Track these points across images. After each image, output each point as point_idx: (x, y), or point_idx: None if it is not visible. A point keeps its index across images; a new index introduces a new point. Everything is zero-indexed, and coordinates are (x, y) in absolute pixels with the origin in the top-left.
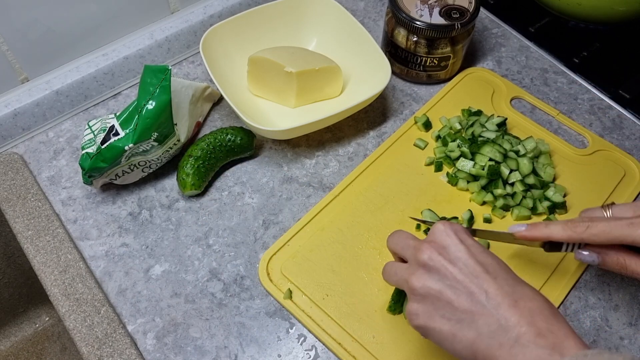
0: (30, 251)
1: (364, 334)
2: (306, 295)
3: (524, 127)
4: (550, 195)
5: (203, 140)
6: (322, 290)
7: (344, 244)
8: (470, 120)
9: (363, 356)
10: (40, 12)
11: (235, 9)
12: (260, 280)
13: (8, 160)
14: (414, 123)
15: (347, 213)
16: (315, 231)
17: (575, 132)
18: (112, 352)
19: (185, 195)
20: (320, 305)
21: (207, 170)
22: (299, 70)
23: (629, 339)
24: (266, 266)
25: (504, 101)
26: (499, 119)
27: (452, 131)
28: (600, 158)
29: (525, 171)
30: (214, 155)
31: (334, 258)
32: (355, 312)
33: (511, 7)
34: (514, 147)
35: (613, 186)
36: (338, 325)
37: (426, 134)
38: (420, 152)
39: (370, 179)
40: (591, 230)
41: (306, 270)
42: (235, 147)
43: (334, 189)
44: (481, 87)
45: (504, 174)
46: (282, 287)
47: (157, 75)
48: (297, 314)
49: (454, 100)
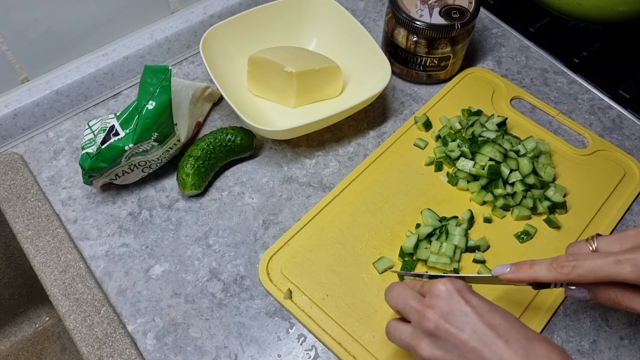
0: (30, 251)
1: (364, 334)
2: (306, 295)
3: (524, 127)
4: (551, 195)
5: (203, 140)
6: (322, 290)
7: (344, 244)
8: (470, 120)
9: (363, 356)
10: (40, 12)
11: (235, 9)
12: (260, 280)
13: (8, 160)
14: (414, 123)
15: (347, 213)
16: (315, 231)
17: (575, 132)
18: (112, 352)
19: (185, 195)
20: (320, 305)
21: (207, 170)
22: (299, 70)
23: (629, 339)
24: (266, 266)
25: (504, 101)
26: (499, 119)
27: (452, 131)
28: (600, 158)
29: (526, 171)
30: (214, 155)
31: (334, 258)
32: (355, 312)
33: (511, 7)
34: (514, 147)
35: (613, 186)
36: (338, 325)
37: (426, 133)
38: (421, 152)
39: (370, 179)
40: (577, 271)
41: (306, 270)
42: (235, 147)
43: (333, 189)
44: (481, 87)
45: (504, 174)
46: (282, 287)
47: (157, 76)
48: (297, 314)
49: (454, 100)
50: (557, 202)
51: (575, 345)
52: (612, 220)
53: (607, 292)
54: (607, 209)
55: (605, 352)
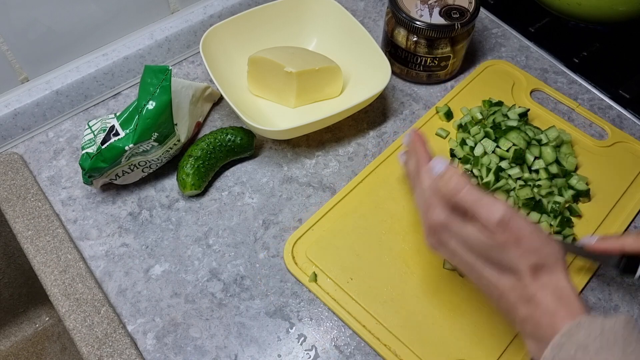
0: (30, 251)
1: (388, 316)
2: (331, 278)
3: (544, 118)
4: (574, 184)
5: (203, 140)
6: (347, 274)
7: (368, 229)
8: (491, 110)
9: (387, 338)
10: (40, 12)
11: (235, 9)
12: (285, 263)
13: (8, 160)
14: (435, 113)
15: (370, 199)
16: (339, 217)
17: (595, 124)
18: (112, 352)
19: (185, 195)
20: (344, 288)
21: (207, 170)
22: (299, 70)
23: None
24: (291, 250)
25: (524, 93)
26: (522, 109)
27: (473, 120)
28: (620, 149)
29: (549, 159)
30: (214, 155)
31: (358, 243)
32: (379, 295)
33: (511, 7)
34: (536, 136)
35: (633, 177)
36: (362, 308)
37: (447, 123)
38: (442, 141)
39: (392, 167)
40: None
41: (331, 254)
42: (235, 147)
43: (357, 176)
44: (501, 79)
45: (528, 161)
46: (307, 271)
47: (158, 76)
48: (322, 297)
49: (474, 92)
50: (581, 190)
51: None
52: (632, 210)
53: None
54: (627, 199)
55: None
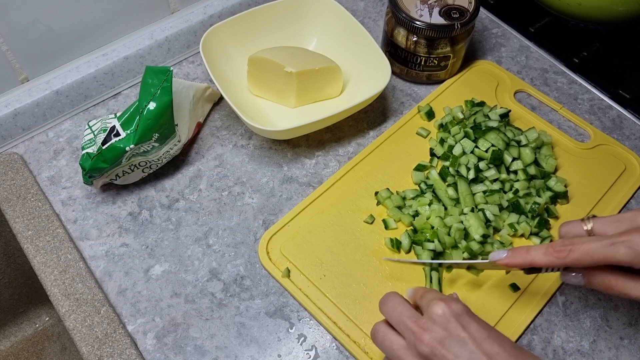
0: (30, 251)
1: (359, 314)
2: (304, 274)
3: (526, 119)
4: (552, 185)
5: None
6: (320, 271)
7: (344, 227)
8: (473, 110)
9: (357, 335)
10: (40, 12)
11: (235, 9)
12: (260, 259)
13: (8, 160)
14: (417, 112)
15: (347, 197)
16: (316, 213)
17: (578, 126)
18: (112, 352)
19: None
20: (317, 284)
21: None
22: (299, 70)
23: (629, 339)
24: (266, 245)
25: (507, 94)
26: (502, 110)
27: (454, 120)
28: (602, 152)
29: (528, 160)
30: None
31: (333, 240)
32: (351, 293)
33: (511, 7)
34: (516, 137)
35: (613, 180)
36: (334, 304)
37: (429, 123)
38: (422, 140)
39: (372, 165)
40: (573, 255)
41: (305, 250)
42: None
43: (335, 173)
44: (485, 79)
45: (506, 161)
46: (281, 267)
47: (159, 76)
48: (294, 292)
49: (458, 91)
50: (559, 191)
51: (575, 345)
52: (611, 213)
53: (601, 277)
54: (606, 202)
55: (605, 352)
